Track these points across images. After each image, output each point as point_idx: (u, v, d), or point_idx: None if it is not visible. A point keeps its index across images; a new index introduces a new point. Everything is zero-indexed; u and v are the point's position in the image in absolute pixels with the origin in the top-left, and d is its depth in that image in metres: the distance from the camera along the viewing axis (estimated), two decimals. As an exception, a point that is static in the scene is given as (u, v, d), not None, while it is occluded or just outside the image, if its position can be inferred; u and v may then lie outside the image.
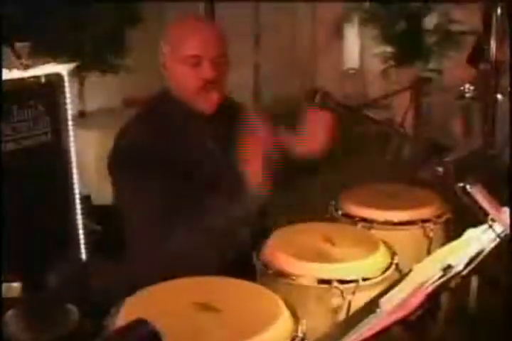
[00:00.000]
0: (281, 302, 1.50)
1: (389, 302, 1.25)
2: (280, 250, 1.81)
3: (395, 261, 1.80)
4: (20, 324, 2.57)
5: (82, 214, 3.21)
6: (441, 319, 1.54)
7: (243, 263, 1.81)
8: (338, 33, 7.32)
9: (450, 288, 1.41)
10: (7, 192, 2.71)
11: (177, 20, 2.04)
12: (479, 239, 1.51)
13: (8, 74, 2.90)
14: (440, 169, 1.57)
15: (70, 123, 3.17)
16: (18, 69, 2.94)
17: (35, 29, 4.40)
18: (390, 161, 5.53)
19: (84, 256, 3.21)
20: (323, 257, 1.78)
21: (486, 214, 1.49)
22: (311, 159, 1.98)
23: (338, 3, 6.98)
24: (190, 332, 1.37)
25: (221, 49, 1.94)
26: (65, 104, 3.15)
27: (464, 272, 1.42)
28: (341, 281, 1.67)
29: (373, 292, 1.54)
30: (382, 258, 1.81)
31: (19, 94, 2.94)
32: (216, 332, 1.37)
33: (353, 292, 1.66)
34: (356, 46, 8.39)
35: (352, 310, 1.64)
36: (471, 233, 1.55)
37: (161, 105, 2.01)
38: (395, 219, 2.16)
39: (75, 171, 3.05)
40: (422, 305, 1.30)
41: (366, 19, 6.72)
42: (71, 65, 3.27)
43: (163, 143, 1.89)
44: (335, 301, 1.67)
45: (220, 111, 2.00)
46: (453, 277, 1.38)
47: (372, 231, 2.09)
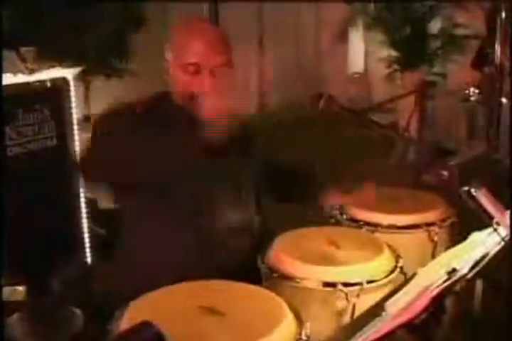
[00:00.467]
0: (285, 305, 1.50)
1: (394, 306, 1.25)
2: (285, 253, 1.81)
3: (400, 264, 1.80)
4: (25, 327, 2.58)
5: (87, 217, 3.22)
6: (446, 322, 1.54)
7: (249, 267, 1.81)
8: (343, 37, 7.31)
9: (455, 291, 1.41)
10: (12, 195, 2.71)
11: (180, 25, 1.97)
12: (484, 243, 1.51)
13: (13, 79, 2.91)
14: (445, 173, 1.57)
15: (75, 127, 3.19)
16: (24, 73, 2.95)
17: (41, 34, 4.41)
18: (394, 165, 5.53)
19: (89, 259, 3.22)
20: (328, 260, 1.78)
21: (490, 217, 1.49)
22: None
23: (342, 8, 6.98)
24: (194, 335, 1.37)
25: (223, 58, 1.87)
26: (70, 108, 3.17)
27: (469, 275, 1.42)
28: (346, 284, 1.67)
29: (378, 295, 1.54)
30: (387, 261, 1.81)
31: (25, 98, 2.95)
32: (220, 336, 1.38)
33: (357, 295, 1.66)
34: (361, 50, 8.40)
35: (356, 312, 1.64)
36: (475, 236, 1.55)
37: (157, 105, 1.94)
38: (400, 223, 2.16)
39: (80, 175, 3.05)
40: (426, 308, 1.30)
41: (371, 23, 6.71)
42: (76, 70, 3.29)
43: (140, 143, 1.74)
44: (339, 304, 1.67)
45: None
46: (458, 280, 1.38)
47: (376, 234, 2.09)
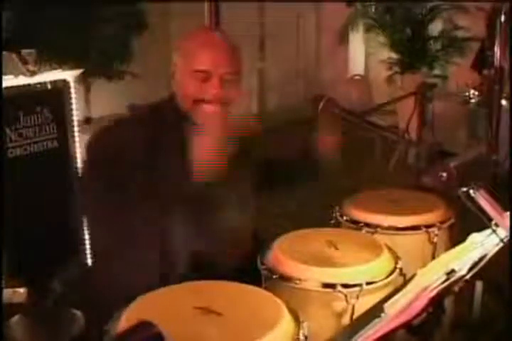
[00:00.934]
0: (282, 305, 1.50)
1: (393, 307, 1.26)
2: (284, 254, 1.82)
3: (399, 266, 1.80)
4: (26, 329, 2.58)
5: (88, 219, 3.22)
6: (445, 323, 1.55)
7: (249, 268, 1.82)
8: (343, 40, 7.33)
9: (454, 292, 1.42)
10: (13, 197, 2.72)
11: (194, 31, 1.97)
12: (483, 244, 1.52)
13: (14, 81, 2.92)
14: (444, 174, 1.57)
15: (76, 129, 3.20)
16: (25, 75, 2.96)
17: (42, 36, 4.42)
18: (394, 167, 5.54)
19: (89, 261, 3.22)
20: (328, 261, 1.79)
21: (489, 219, 1.49)
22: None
23: (343, 10, 6.99)
24: (191, 336, 1.38)
25: (233, 66, 1.87)
26: (71, 110, 3.18)
27: (468, 276, 1.43)
28: (345, 285, 1.67)
29: (377, 296, 1.55)
30: (386, 262, 1.82)
31: (25, 100, 2.96)
32: (217, 336, 1.38)
33: (356, 296, 1.66)
34: (361, 52, 8.41)
35: (356, 314, 1.64)
36: (474, 238, 1.55)
37: (159, 111, 1.94)
38: (400, 225, 2.16)
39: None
40: (425, 308, 1.30)
41: (371, 25, 6.73)
42: (77, 72, 3.29)
43: (140, 148, 1.81)
44: (339, 305, 1.68)
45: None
46: (456, 281, 1.39)
47: (376, 236, 2.09)
